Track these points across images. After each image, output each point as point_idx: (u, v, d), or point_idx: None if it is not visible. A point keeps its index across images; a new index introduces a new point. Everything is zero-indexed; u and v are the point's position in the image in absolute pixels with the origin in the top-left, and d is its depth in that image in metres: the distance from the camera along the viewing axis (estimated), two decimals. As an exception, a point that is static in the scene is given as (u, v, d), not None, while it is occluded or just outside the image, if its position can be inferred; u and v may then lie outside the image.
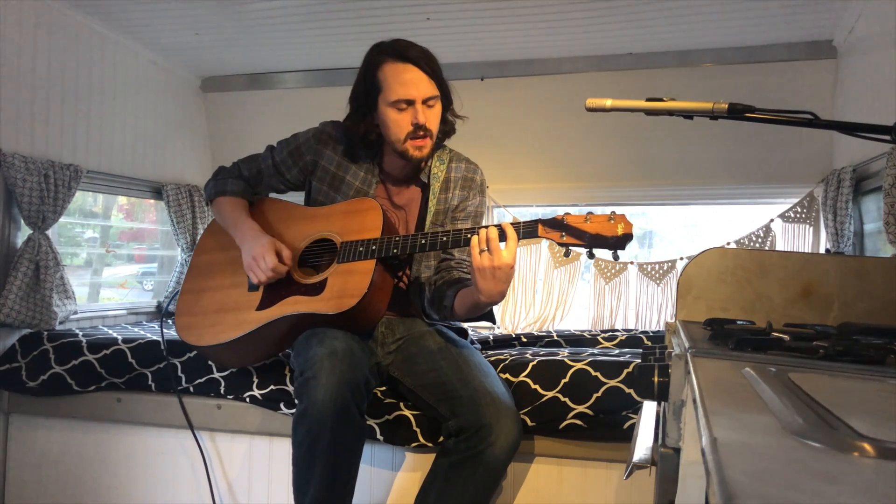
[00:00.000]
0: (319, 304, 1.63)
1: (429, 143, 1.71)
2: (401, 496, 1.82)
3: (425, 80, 1.67)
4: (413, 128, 1.67)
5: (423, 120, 1.66)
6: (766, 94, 2.58)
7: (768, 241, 2.68)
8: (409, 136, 1.68)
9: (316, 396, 1.44)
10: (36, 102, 2.26)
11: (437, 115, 1.72)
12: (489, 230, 1.45)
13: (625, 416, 1.69)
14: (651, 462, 0.94)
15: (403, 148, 1.70)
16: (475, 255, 1.44)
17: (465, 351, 1.68)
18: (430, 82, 1.68)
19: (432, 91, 1.68)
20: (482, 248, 1.44)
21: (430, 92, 1.68)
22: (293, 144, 1.87)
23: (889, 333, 0.95)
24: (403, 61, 1.67)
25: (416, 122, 1.66)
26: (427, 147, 1.71)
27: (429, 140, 1.70)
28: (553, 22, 2.43)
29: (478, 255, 1.44)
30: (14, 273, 2.14)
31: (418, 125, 1.67)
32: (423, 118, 1.67)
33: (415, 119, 1.66)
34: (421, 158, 1.72)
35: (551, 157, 2.94)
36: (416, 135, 1.68)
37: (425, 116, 1.67)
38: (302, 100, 3.07)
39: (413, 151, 1.70)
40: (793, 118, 1.11)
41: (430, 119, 1.70)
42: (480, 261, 1.43)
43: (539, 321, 2.88)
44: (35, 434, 2.13)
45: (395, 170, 1.83)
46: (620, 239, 1.42)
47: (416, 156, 1.71)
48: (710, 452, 0.38)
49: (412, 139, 1.68)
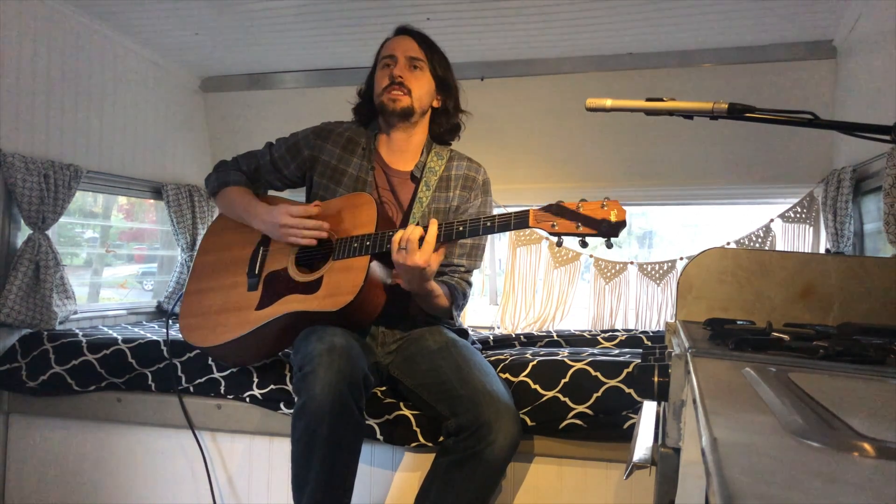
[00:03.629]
0: (316, 301, 1.64)
1: (405, 99, 1.79)
2: (401, 496, 1.82)
3: (413, 45, 1.82)
4: (389, 81, 1.78)
5: (399, 73, 1.78)
6: (766, 94, 2.58)
7: (768, 241, 2.68)
8: (386, 88, 1.79)
9: (314, 391, 1.44)
10: (36, 102, 2.26)
11: (420, 80, 1.82)
12: (413, 231, 1.54)
13: (625, 416, 1.69)
14: (651, 462, 0.94)
15: (380, 101, 1.80)
16: (394, 251, 1.55)
17: (464, 350, 1.68)
18: (418, 49, 1.82)
19: (417, 53, 1.81)
20: (401, 247, 1.54)
21: (414, 52, 1.81)
22: (291, 141, 1.90)
23: (889, 333, 0.95)
24: (399, 34, 1.86)
25: (392, 74, 1.78)
26: (402, 102, 1.78)
27: (406, 97, 1.79)
28: (553, 22, 2.43)
29: (395, 252, 1.55)
30: (14, 273, 2.14)
31: (394, 78, 1.78)
32: (400, 72, 1.78)
33: (392, 72, 1.78)
34: (395, 111, 1.79)
35: (551, 157, 2.94)
36: (391, 87, 1.78)
37: (403, 72, 1.79)
38: (302, 100, 3.07)
39: (388, 102, 1.79)
40: (793, 118, 1.11)
41: (411, 79, 1.80)
42: (396, 257, 1.55)
43: (539, 321, 2.88)
44: (35, 434, 2.13)
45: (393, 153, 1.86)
46: (614, 225, 1.41)
47: (389, 106, 1.79)
48: (710, 452, 0.38)
49: (388, 91, 1.78)
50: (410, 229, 1.53)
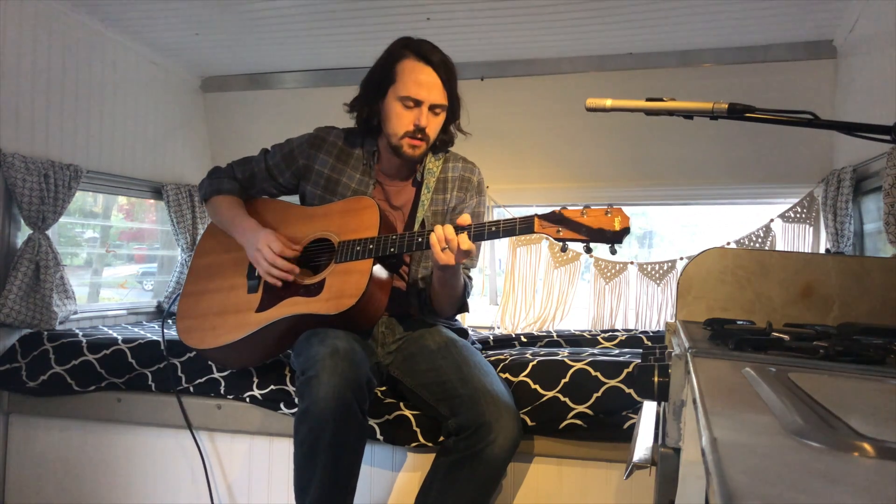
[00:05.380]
0: (318, 304, 1.63)
1: (423, 147, 1.75)
2: (401, 496, 1.82)
3: (438, 87, 1.71)
4: (414, 128, 1.71)
5: (424, 123, 1.71)
6: (766, 94, 2.58)
7: (768, 241, 2.68)
8: (408, 134, 1.72)
9: (318, 395, 1.44)
10: (36, 102, 2.26)
11: (439, 125, 1.77)
12: (446, 229, 1.51)
13: (625, 416, 1.69)
14: (651, 462, 0.94)
15: (399, 143, 1.74)
16: (438, 253, 1.51)
17: (464, 350, 1.68)
18: (443, 91, 1.72)
19: (441, 100, 1.72)
20: (443, 247, 1.51)
21: (439, 100, 1.72)
22: (286, 148, 1.88)
23: (889, 333, 0.95)
24: (424, 62, 1.71)
25: (417, 124, 1.70)
26: (421, 149, 1.75)
27: (424, 144, 1.74)
28: (553, 22, 2.43)
29: (441, 253, 1.51)
30: (14, 273, 2.14)
31: (419, 127, 1.70)
32: (426, 122, 1.71)
33: (417, 121, 1.70)
34: (413, 158, 1.76)
35: (551, 157, 2.94)
36: (414, 135, 1.72)
37: (427, 121, 1.71)
38: (302, 100, 3.07)
39: (407, 149, 1.74)
40: (793, 118, 1.11)
41: (432, 125, 1.74)
42: (446, 258, 1.51)
43: (539, 321, 2.88)
44: (35, 434, 2.13)
45: (391, 169, 1.83)
46: (618, 233, 1.42)
47: (408, 154, 1.74)
48: (710, 452, 0.38)
49: (410, 138, 1.72)
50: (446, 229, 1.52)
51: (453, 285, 1.69)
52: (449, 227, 1.52)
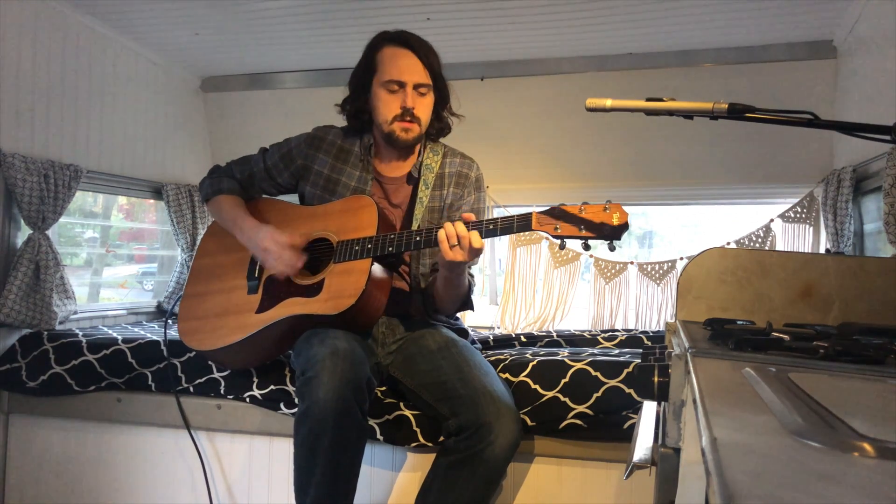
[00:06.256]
0: (317, 304, 1.63)
1: (416, 129, 1.75)
2: (401, 496, 1.82)
3: (419, 67, 1.72)
4: (401, 111, 1.72)
5: (411, 104, 1.72)
6: (766, 94, 2.58)
7: (768, 241, 2.68)
8: (397, 118, 1.73)
9: (318, 396, 1.44)
10: (36, 102, 2.26)
11: (428, 106, 1.77)
12: (457, 226, 1.50)
13: (625, 416, 1.69)
14: (651, 462, 0.94)
15: (390, 129, 1.74)
16: (446, 251, 1.51)
17: (465, 350, 1.68)
18: (424, 71, 1.73)
19: (424, 79, 1.73)
20: (452, 244, 1.50)
21: (422, 79, 1.73)
22: (285, 148, 1.88)
23: (889, 333, 0.95)
24: (402, 46, 1.74)
25: (404, 106, 1.71)
26: (413, 133, 1.75)
27: (416, 126, 1.74)
28: (553, 22, 2.43)
29: (449, 251, 1.51)
30: (14, 273, 2.14)
31: (406, 108, 1.71)
32: (412, 103, 1.72)
33: (403, 102, 1.71)
34: (407, 142, 1.76)
35: (551, 157, 2.94)
36: (403, 118, 1.73)
37: (414, 101, 1.72)
38: (302, 100, 3.07)
39: (400, 133, 1.74)
40: (793, 118, 1.11)
41: (419, 106, 1.74)
42: (454, 255, 1.51)
43: (539, 321, 2.88)
44: (35, 434, 2.13)
45: (389, 162, 1.83)
46: (617, 228, 1.42)
47: (402, 137, 1.75)
48: (710, 452, 0.38)
49: (400, 121, 1.73)
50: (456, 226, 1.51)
51: (459, 284, 1.68)
52: (460, 224, 1.51)
